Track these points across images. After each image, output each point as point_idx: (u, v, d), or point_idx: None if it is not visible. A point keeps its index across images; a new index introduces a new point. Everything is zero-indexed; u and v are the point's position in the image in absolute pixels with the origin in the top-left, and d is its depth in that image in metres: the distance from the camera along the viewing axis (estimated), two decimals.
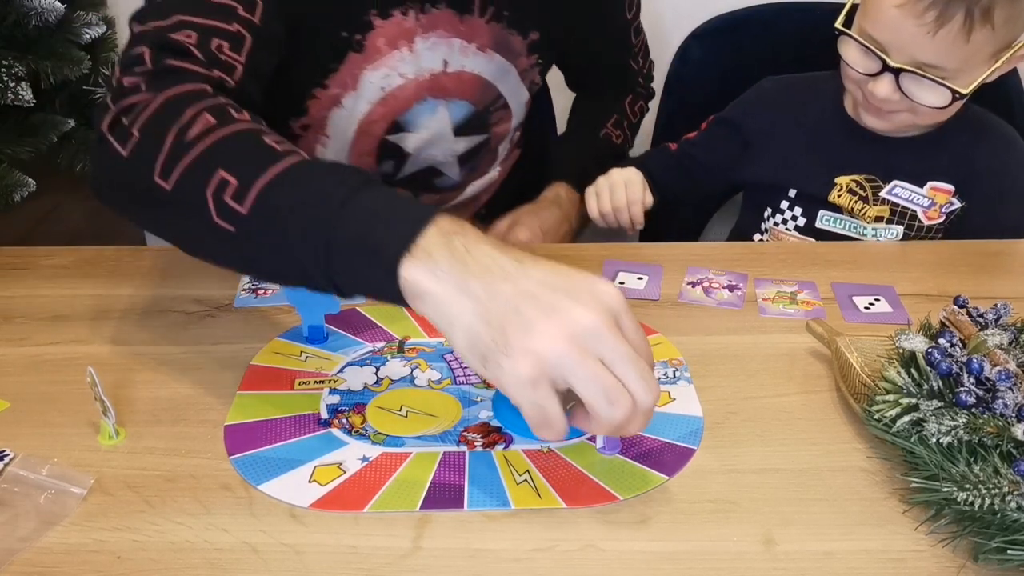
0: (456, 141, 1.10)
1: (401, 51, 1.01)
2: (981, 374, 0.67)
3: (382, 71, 1.02)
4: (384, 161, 1.10)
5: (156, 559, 0.63)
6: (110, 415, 0.73)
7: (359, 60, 1.01)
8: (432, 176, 1.13)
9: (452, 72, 1.05)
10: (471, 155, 1.13)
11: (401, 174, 1.11)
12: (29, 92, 1.41)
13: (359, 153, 1.08)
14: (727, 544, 0.64)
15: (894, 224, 1.11)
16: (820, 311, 0.91)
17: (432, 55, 1.03)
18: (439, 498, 0.68)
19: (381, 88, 1.03)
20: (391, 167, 1.10)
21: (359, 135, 1.06)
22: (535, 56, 1.10)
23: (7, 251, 1.05)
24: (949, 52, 0.93)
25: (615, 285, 0.63)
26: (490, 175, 1.20)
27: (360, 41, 0.99)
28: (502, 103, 1.11)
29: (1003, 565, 0.60)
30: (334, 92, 1.03)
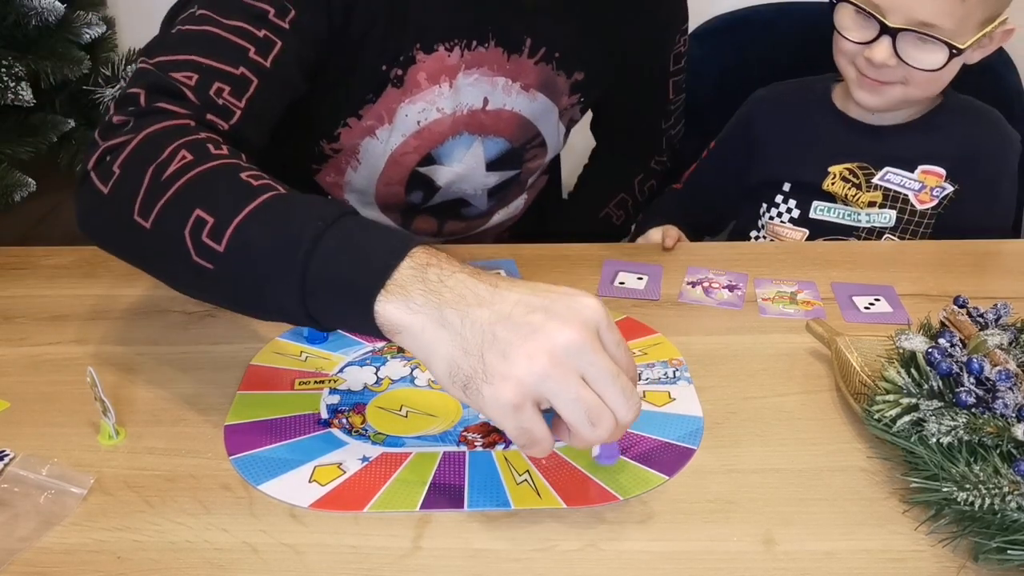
0: (488, 176, 1.09)
1: (441, 87, 0.99)
2: (981, 374, 0.67)
3: (419, 105, 1.00)
4: (413, 192, 1.08)
5: (156, 559, 0.63)
6: (110, 415, 0.73)
7: (397, 95, 0.99)
8: (460, 206, 1.12)
9: (492, 110, 1.03)
10: (501, 188, 1.12)
11: (429, 203, 1.10)
12: (29, 92, 1.41)
13: (387, 182, 1.07)
14: (727, 544, 0.64)
15: (887, 209, 1.13)
16: (820, 311, 0.91)
17: (474, 92, 1.01)
18: (439, 498, 0.68)
19: (417, 122, 1.01)
20: (419, 198, 1.09)
21: (390, 165, 1.04)
22: (578, 95, 1.08)
23: (7, 251, 1.05)
24: (948, 9, 0.96)
25: (596, 298, 0.62)
26: (516, 203, 1.19)
27: (400, 76, 0.97)
28: (539, 141, 1.10)
29: (1003, 565, 0.60)
30: (369, 123, 1.01)
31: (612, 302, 0.93)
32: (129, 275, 0.99)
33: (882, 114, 1.12)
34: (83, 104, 1.54)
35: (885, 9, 0.99)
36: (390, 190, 1.08)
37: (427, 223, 1.13)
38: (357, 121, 1.01)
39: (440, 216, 1.13)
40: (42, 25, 1.46)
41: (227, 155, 0.73)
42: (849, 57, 1.07)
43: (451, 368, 0.60)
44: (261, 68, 0.83)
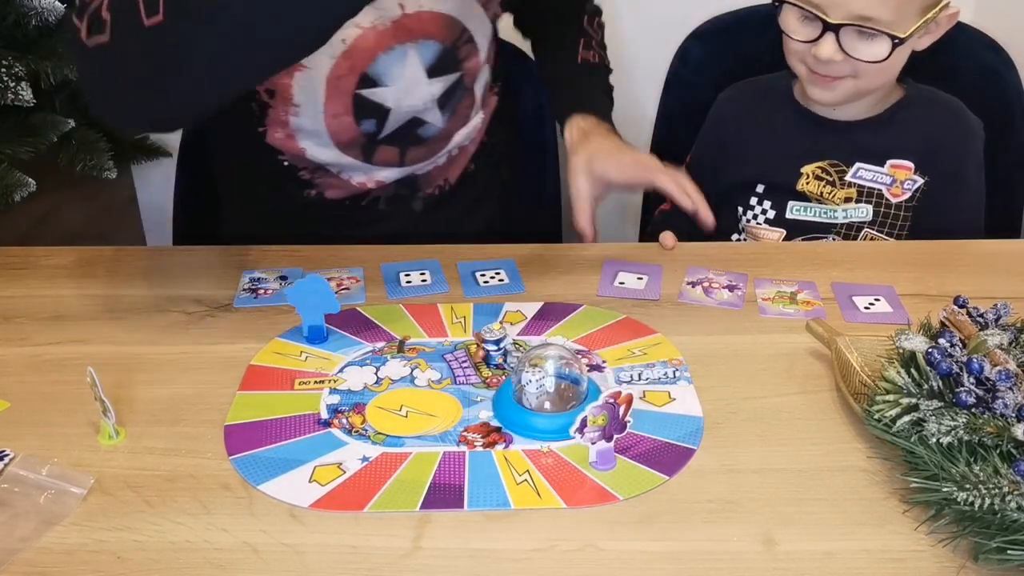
0: (431, 83, 1.09)
1: None
2: (981, 374, 0.67)
3: None
4: (364, 120, 1.08)
5: (156, 559, 0.63)
6: (110, 415, 0.73)
7: None
8: (415, 127, 1.12)
9: (411, 13, 1.03)
10: (448, 96, 1.12)
11: (385, 131, 1.10)
12: (29, 92, 1.41)
13: (334, 114, 1.06)
14: (727, 544, 0.64)
15: (863, 204, 1.14)
16: (820, 311, 0.91)
17: (388, 1, 1.01)
18: (439, 498, 0.68)
19: (342, 40, 1.01)
20: (373, 125, 1.09)
21: (330, 94, 1.04)
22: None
23: (7, 251, 1.05)
24: (880, 4, 0.99)
25: None
26: (473, 122, 1.18)
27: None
28: (467, 37, 1.10)
29: (1003, 565, 0.60)
30: None
31: (612, 302, 0.93)
32: (129, 275, 0.99)
33: (845, 108, 1.13)
34: (83, 104, 1.54)
35: (825, 7, 1.02)
36: (340, 123, 1.07)
37: (389, 153, 1.12)
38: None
39: (400, 143, 1.12)
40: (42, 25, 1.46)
41: None
42: (799, 56, 1.09)
43: None
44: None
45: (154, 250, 1.06)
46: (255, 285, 0.96)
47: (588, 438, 0.69)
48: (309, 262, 1.01)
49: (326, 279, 0.86)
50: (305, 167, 1.10)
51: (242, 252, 1.04)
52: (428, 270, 0.99)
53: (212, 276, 0.98)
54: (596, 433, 0.69)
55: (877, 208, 1.14)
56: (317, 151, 1.09)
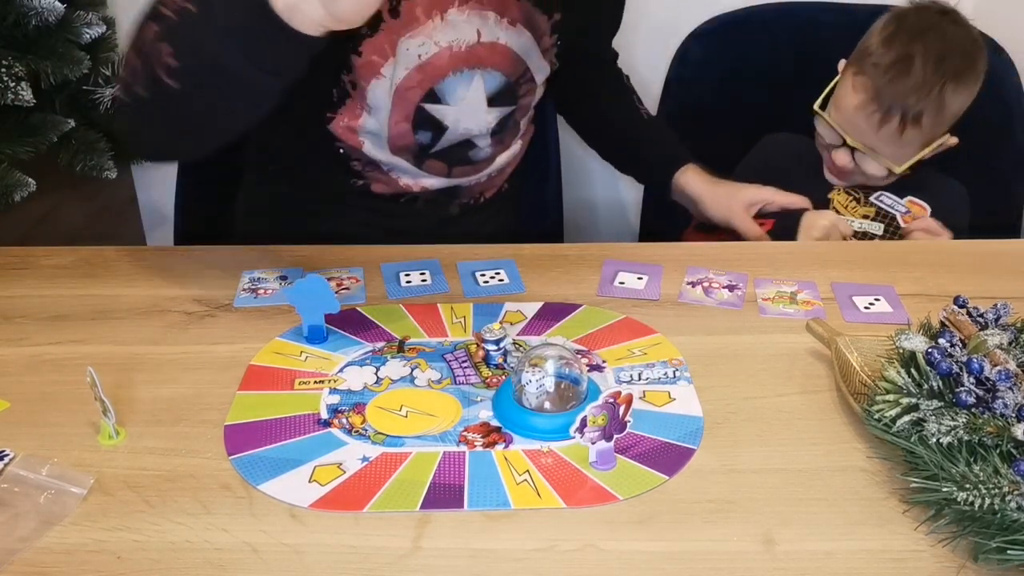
0: (489, 112, 1.13)
1: (435, 20, 1.03)
2: (981, 374, 0.67)
3: (419, 39, 1.04)
4: (420, 131, 1.12)
5: (156, 559, 0.63)
6: (110, 415, 0.73)
7: (397, 26, 1.03)
8: (466, 149, 1.16)
9: (486, 43, 1.07)
10: (501, 127, 1.16)
11: (438, 146, 1.14)
12: (29, 92, 1.41)
13: (397, 120, 1.10)
14: (727, 544, 0.64)
15: (877, 221, 1.24)
16: (820, 311, 0.91)
17: (467, 26, 1.05)
18: (439, 498, 0.68)
19: (418, 56, 1.05)
20: (428, 138, 1.12)
21: (396, 100, 1.08)
22: (556, 36, 1.13)
23: (7, 251, 1.05)
24: (887, 145, 1.19)
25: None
26: (514, 148, 1.23)
27: (395, 7, 1.02)
28: (529, 76, 1.14)
29: (1003, 565, 0.60)
30: (371, 59, 1.04)
31: (612, 302, 0.93)
32: (129, 275, 0.99)
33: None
34: (83, 104, 1.54)
35: (847, 132, 1.21)
36: (399, 128, 1.11)
37: (437, 166, 1.16)
38: (359, 59, 1.04)
39: (450, 160, 1.16)
40: (42, 25, 1.46)
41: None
42: (822, 147, 1.28)
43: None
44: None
45: (154, 250, 1.06)
46: (255, 285, 0.96)
47: (588, 438, 0.69)
48: (309, 262, 1.01)
49: (326, 279, 0.86)
50: (359, 159, 1.13)
51: (242, 252, 1.04)
52: (428, 270, 0.99)
53: (212, 276, 0.98)
54: (596, 433, 0.69)
55: (888, 228, 1.22)
56: (374, 149, 1.12)
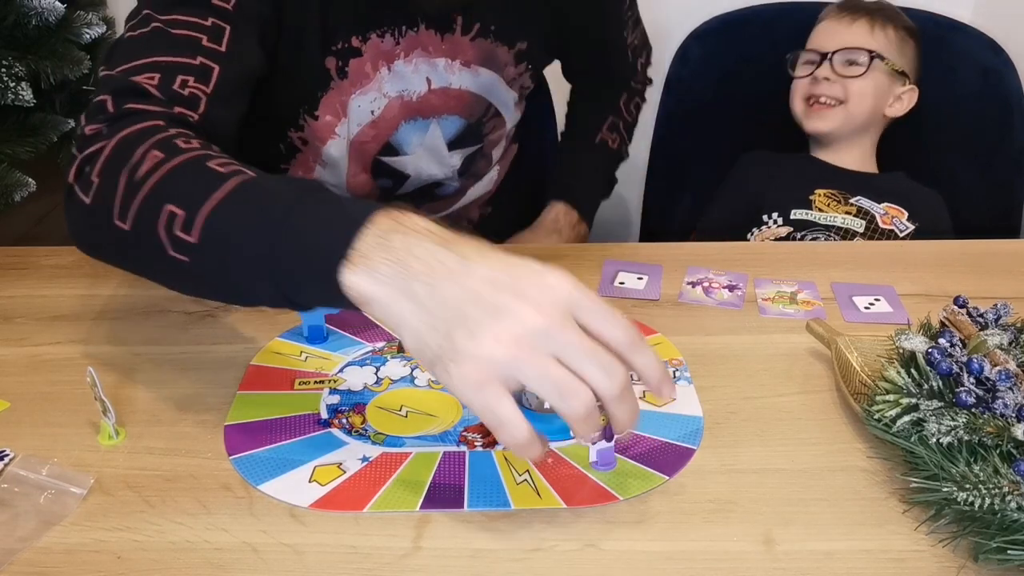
0: (452, 155, 1.11)
1: (381, 72, 1.02)
2: (981, 374, 0.67)
3: (371, 95, 1.02)
4: (381, 179, 1.10)
5: (156, 559, 0.63)
6: (110, 415, 0.73)
7: (347, 86, 1.01)
8: (432, 188, 1.14)
9: (438, 89, 1.05)
10: (468, 165, 1.14)
11: (401, 191, 1.12)
12: (29, 92, 1.41)
13: (354, 172, 1.09)
14: (727, 544, 0.64)
15: (858, 218, 1.28)
16: (820, 311, 0.91)
17: (416, 76, 1.03)
18: (439, 498, 0.68)
19: (371, 112, 1.04)
20: (390, 184, 1.11)
21: (353, 155, 1.07)
22: (524, 64, 1.10)
23: (7, 251, 1.05)
24: (862, 37, 1.30)
25: (566, 275, 0.62)
26: (488, 176, 1.21)
27: (343, 68, 1.00)
28: (494, 112, 1.11)
29: (1003, 565, 0.60)
30: (326, 120, 1.03)
31: (612, 302, 0.93)
32: (129, 275, 0.99)
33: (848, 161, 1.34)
34: (83, 104, 1.54)
35: (823, 47, 1.32)
36: (358, 180, 1.09)
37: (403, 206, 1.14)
38: (315, 121, 1.03)
39: (415, 200, 1.15)
40: (42, 25, 1.46)
41: (197, 148, 0.74)
42: (801, 92, 1.35)
43: (419, 342, 0.60)
44: (217, 53, 0.85)
45: None
46: None
47: (588, 438, 0.69)
48: None
49: None
50: None
51: None
52: None
53: None
54: (596, 433, 0.69)
55: (868, 226, 1.27)
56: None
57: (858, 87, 1.30)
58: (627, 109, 1.29)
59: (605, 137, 1.25)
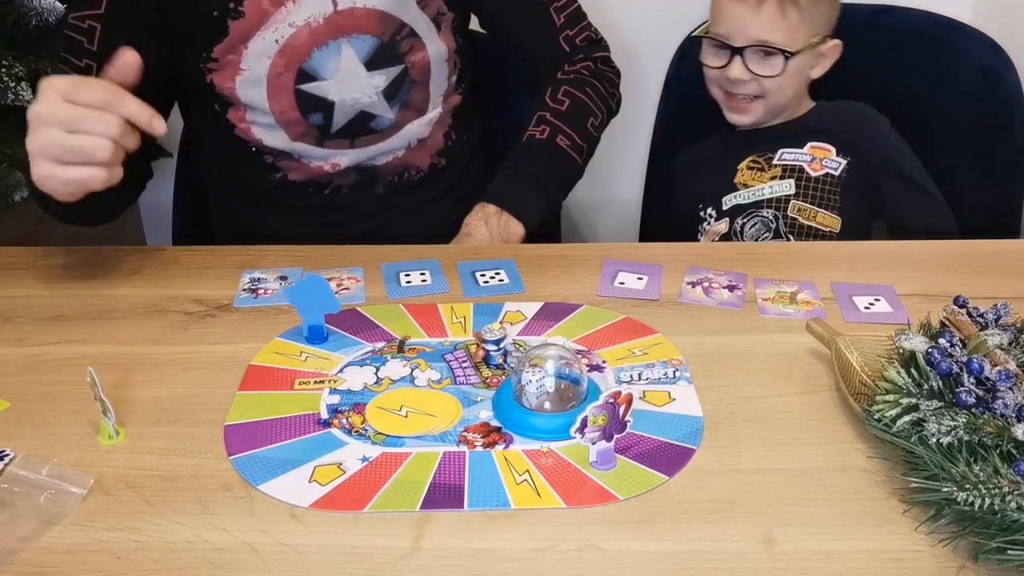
0: (371, 76, 1.13)
1: (287, 5, 1.06)
2: (981, 374, 0.67)
3: (272, 27, 1.07)
4: (311, 114, 1.13)
5: (156, 559, 0.63)
6: (110, 415, 0.73)
7: (243, 26, 1.06)
8: (366, 120, 1.16)
9: (344, 10, 1.08)
10: (395, 88, 1.15)
11: (334, 125, 1.15)
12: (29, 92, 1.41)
13: (280, 111, 1.12)
14: (727, 544, 0.64)
15: (786, 179, 1.26)
16: (820, 311, 0.91)
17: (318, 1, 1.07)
18: (439, 498, 0.68)
19: (275, 41, 1.07)
20: (320, 119, 1.14)
21: (271, 91, 1.10)
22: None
23: (7, 251, 1.05)
24: (773, 25, 1.20)
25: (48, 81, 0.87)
26: (430, 115, 1.20)
27: (237, 8, 1.05)
28: (408, 31, 1.13)
29: (1003, 565, 0.60)
30: (228, 59, 1.08)
31: (612, 302, 0.93)
32: (129, 275, 0.99)
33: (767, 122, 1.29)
34: None
35: (729, 36, 1.23)
36: (288, 118, 1.13)
37: (339, 143, 1.16)
38: (217, 63, 1.09)
39: (351, 137, 1.17)
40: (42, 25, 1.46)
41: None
42: (716, 83, 1.27)
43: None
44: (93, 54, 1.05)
45: (154, 250, 1.06)
46: (255, 285, 0.96)
47: (588, 438, 0.69)
48: (309, 262, 1.01)
49: (326, 279, 0.86)
50: (269, 152, 1.16)
51: (242, 252, 1.04)
52: (428, 270, 0.99)
53: (212, 276, 0.98)
54: (596, 433, 0.69)
55: (799, 182, 1.25)
56: (274, 140, 1.14)
57: (775, 83, 1.23)
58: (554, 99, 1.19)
59: (531, 132, 1.17)
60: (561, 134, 1.17)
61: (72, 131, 0.85)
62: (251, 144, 1.15)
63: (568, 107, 1.18)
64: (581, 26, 1.22)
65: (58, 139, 0.85)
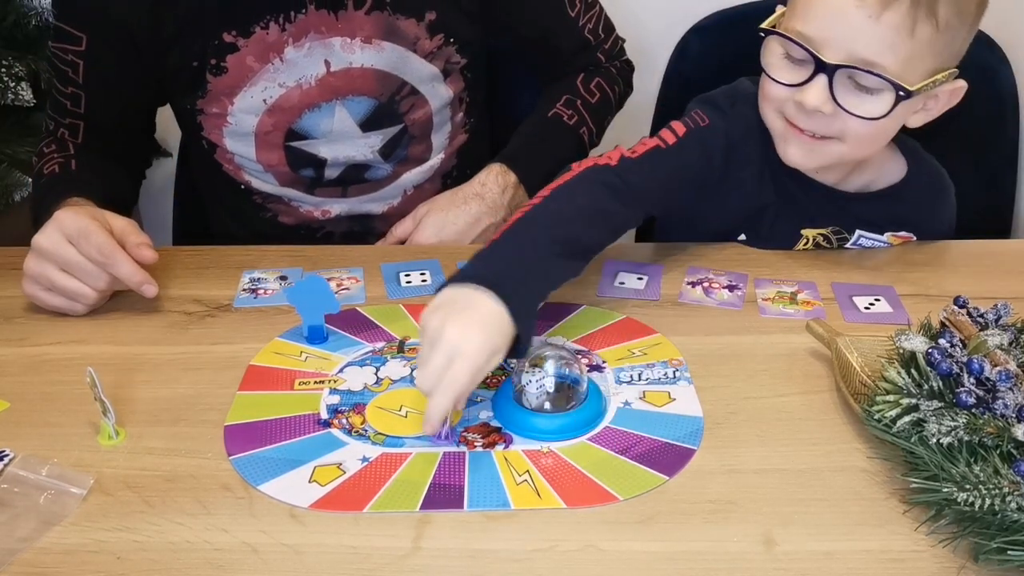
0: (367, 136, 1.09)
1: (273, 63, 1.02)
2: (981, 374, 0.67)
3: (260, 85, 1.03)
4: (302, 169, 1.10)
5: (156, 559, 0.63)
6: (110, 415, 0.73)
7: (226, 82, 1.02)
8: (361, 171, 1.12)
9: (338, 71, 1.03)
10: (392, 146, 1.11)
11: (326, 177, 1.12)
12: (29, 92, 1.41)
13: (269, 164, 1.09)
14: (727, 544, 0.64)
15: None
16: (820, 311, 0.91)
17: (310, 60, 1.02)
18: (439, 498, 0.68)
19: (263, 100, 1.04)
20: (312, 172, 1.11)
21: (260, 146, 1.07)
22: (440, 36, 1.06)
23: (7, 251, 1.05)
24: (893, 44, 0.83)
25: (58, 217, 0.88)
26: (431, 163, 1.16)
27: (219, 64, 1.01)
28: (408, 90, 1.08)
29: (1003, 565, 0.60)
30: (213, 112, 1.06)
31: (612, 302, 0.93)
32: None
33: (848, 181, 1.00)
34: None
35: (822, 44, 0.84)
36: (278, 171, 1.10)
37: (332, 192, 1.14)
38: (204, 116, 1.06)
39: (344, 186, 1.14)
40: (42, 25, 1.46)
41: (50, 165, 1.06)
42: (776, 105, 0.92)
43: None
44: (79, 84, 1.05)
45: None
46: (255, 285, 0.96)
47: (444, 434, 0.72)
48: (309, 262, 1.01)
49: (326, 279, 0.86)
50: (257, 193, 1.14)
51: (242, 252, 1.04)
52: (428, 270, 0.99)
53: (212, 276, 0.98)
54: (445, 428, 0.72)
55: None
56: (264, 185, 1.13)
57: (865, 131, 0.88)
58: (584, 88, 1.18)
59: (559, 112, 1.16)
60: (585, 126, 1.18)
61: (65, 271, 0.88)
62: (240, 184, 1.14)
63: (598, 100, 1.18)
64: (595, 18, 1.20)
65: (51, 275, 0.88)
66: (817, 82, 0.85)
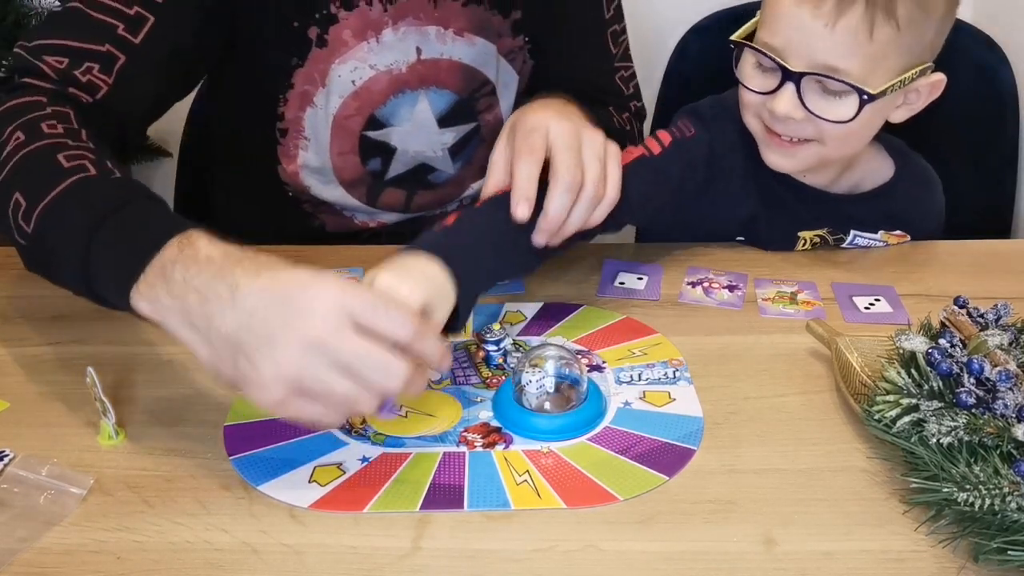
0: (442, 133, 1.07)
1: (369, 42, 0.99)
2: (981, 374, 0.67)
3: (350, 64, 1.00)
4: (370, 159, 1.08)
5: (156, 559, 0.63)
6: (110, 415, 0.73)
7: (324, 55, 0.99)
8: (425, 173, 1.11)
9: (428, 60, 1.02)
10: (462, 145, 1.10)
11: (391, 173, 1.10)
12: None
13: (339, 152, 1.06)
14: (727, 544, 0.64)
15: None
16: (820, 311, 0.91)
17: (404, 45, 1.00)
18: (439, 498, 0.68)
19: (352, 82, 1.01)
20: (379, 164, 1.08)
21: (336, 132, 1.04)
22: (521, 37, 1.06)
23: (7, 251, 1.05)
24: (851, 49, 0.85)
25: (334, 283, 0.65)
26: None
27: (322, 36, 0.98)
28: (489, 89, 1.08)
29: (1003, 566, 0.60)
30: (304, 89, 1.01)
31: (612, 302, 0.93)
32: None
33: (838, 183, 1.02)
34: None
35: (786, 52, 0.88)
36: (345, 161, 1.07)
37: (394, 197, 1.11)
38: (292, 91, 1.01)
39: (408, 187, 1.11)
40: None
41: (58, 134, 0.79)
42: (754, 110, 0.94)
43: (214, 370, 0.66)
44: (129, 44, 0.87)
45: None
46: None
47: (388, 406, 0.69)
48: (309, 262, 1.01)
49: None
50: (308, 201, 1.10)
51: None
52: None
53: None
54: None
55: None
56: (322, 189, 1.09)
57: (841, 131, 0.90)
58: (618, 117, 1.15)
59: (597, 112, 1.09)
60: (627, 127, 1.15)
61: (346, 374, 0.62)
62: (289, 189, 1.08)
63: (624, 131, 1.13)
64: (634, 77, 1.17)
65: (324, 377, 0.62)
66: (786, 89, 0.89)
